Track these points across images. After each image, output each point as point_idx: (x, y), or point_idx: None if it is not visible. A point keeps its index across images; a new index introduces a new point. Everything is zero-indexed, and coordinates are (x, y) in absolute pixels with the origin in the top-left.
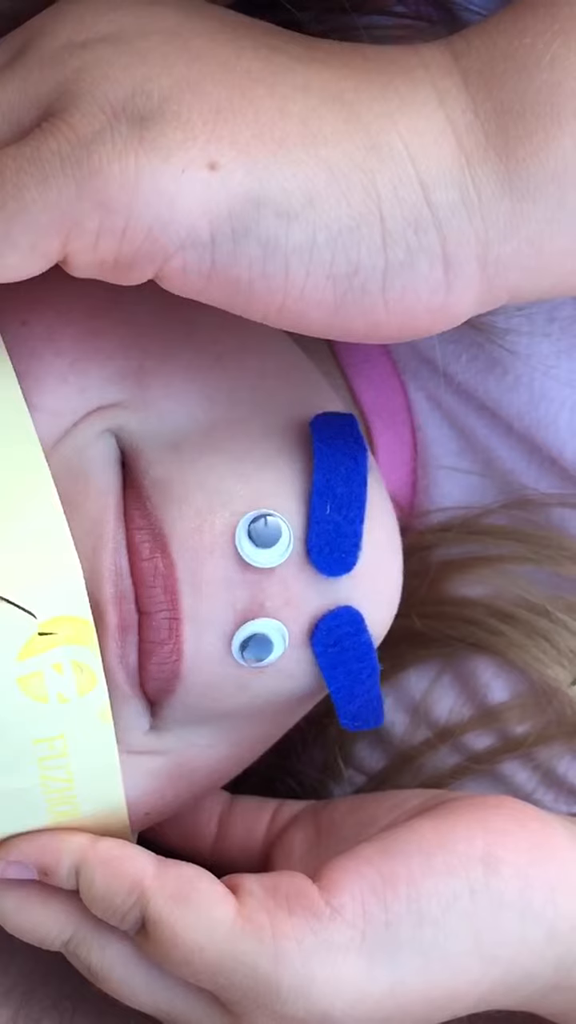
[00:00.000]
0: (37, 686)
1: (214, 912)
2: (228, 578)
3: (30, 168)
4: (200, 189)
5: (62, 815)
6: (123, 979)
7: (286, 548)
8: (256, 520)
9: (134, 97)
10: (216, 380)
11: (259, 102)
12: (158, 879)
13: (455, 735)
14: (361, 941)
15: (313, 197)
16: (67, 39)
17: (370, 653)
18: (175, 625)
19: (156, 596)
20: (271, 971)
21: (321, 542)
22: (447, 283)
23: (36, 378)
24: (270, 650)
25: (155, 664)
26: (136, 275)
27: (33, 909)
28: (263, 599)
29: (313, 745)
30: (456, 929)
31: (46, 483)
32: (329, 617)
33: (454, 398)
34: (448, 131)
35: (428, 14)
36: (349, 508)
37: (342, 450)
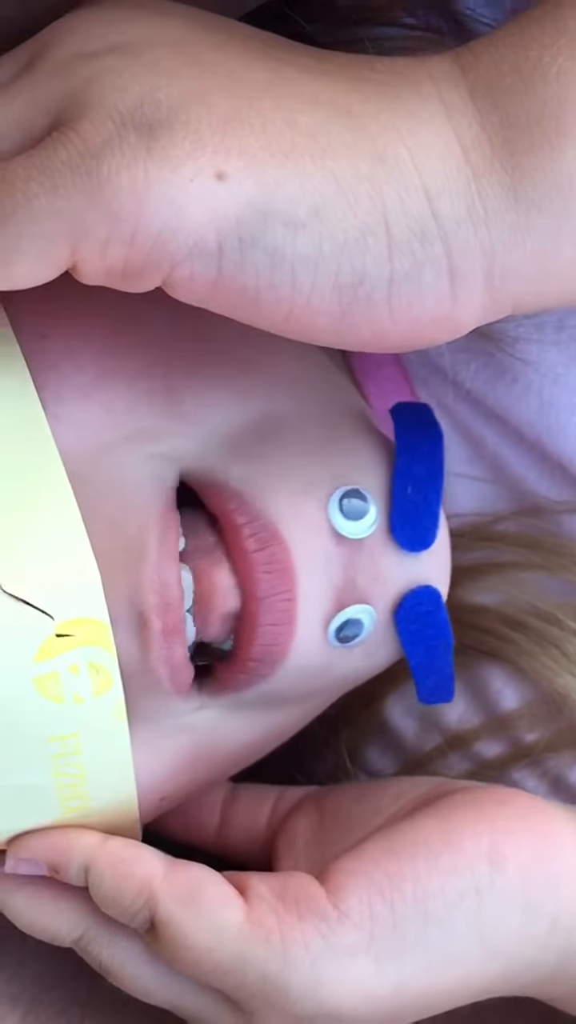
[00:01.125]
0: (53, 687)
1: (223, 915)
2: (327, 553)
3: (40, 177)
4: (208, 198)
5: (73, 810)
6: (134, 976)
7: (373, 522)
8: (346, 495)
9: (143, 107)
10: (247, 384)
11: (267, 113)
12: (167, 881)
13: (465, 742)
14: (368, 943)
15: (320, 208)
16: (77, 49)
17: (446, 628)
18: (291, 606)
19: (273, 580)
20: (280, 974)
21: (404, 519)
22: (452, 294)
23: (56, 390)
24: (361, 630)
25: (264, 645)
26: (144, 283)
27: (44, 906)
28: (354, 574)
29: (324, 749)
30: (461, 927)
31: (63, 487)
32: (412, 595)
33: (464, 406)
34: (454, 143)
35: (437, 25)
36: (429, 489)
37: (422, 435)
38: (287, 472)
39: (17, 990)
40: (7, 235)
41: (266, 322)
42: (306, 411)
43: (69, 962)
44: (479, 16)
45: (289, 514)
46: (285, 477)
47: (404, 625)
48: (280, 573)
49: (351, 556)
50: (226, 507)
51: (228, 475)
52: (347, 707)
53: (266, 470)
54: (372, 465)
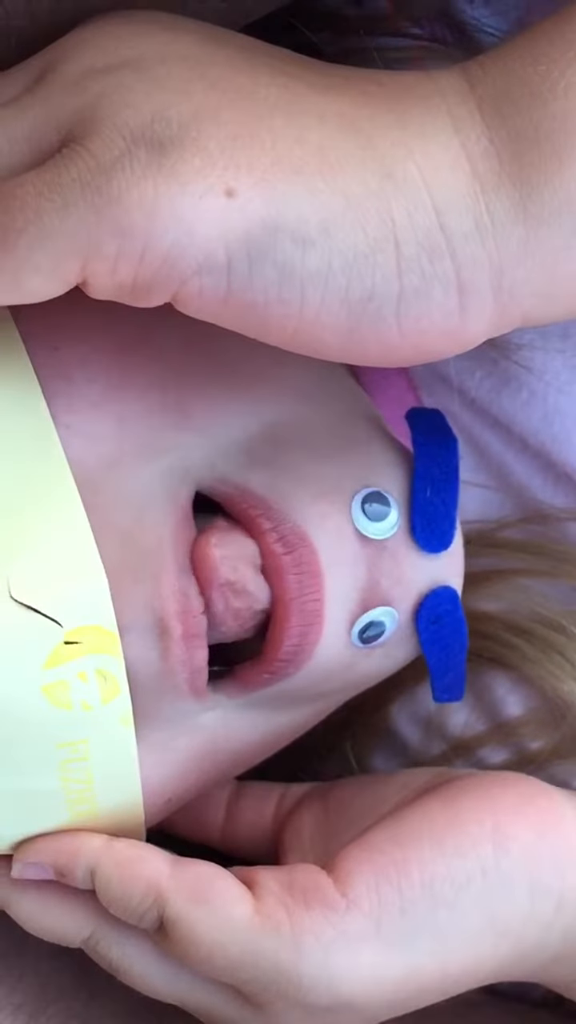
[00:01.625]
0: (62, 694)
1: (232, 910)
2: (353, 554)
3: (50, 194)
4: (217, 215)
5: (80, 814)
6: (144, 974)
7: (395, 523)
8: (368, 497)
9: (153, 124)
10: (256, 394)
11: (277, 130)
12: (174, 879)
13: (469, 749)
14: (377, 930)
15: (329, 224)
16: (88, 65)
17: (463, 628)
18: (319, 607)
19: (302, 581)
20: (292, 965)
21: (425, 521)
22: (461, 309)
23: (67, 401)
24: (383, 630)
25: (293, 646)
26: (154, 298)
27: (52, 909)
28: (379, 576)
29: (329, 754)
30: (469, 909)
31: (72, 495)
32: (432, 596)
33: (469, 413)
34: (463, 158)
35: (443, 36)
36: (446, 492)
37: (437, 440)
38: (307, 476)
39: (19, 1001)
40: (18, 251)
41: (274, 337)
42: (320, 417)
43: (70, 974)
44: (485, 27)
45: (314, 517)
46: (305, 481)
47: (424, 625)
48: (309, 575)
49: (375, 557)
50: (251, 513)
51: (248, 482)
52: (353, 713)
53: (285, 475)
54: (390, 468)
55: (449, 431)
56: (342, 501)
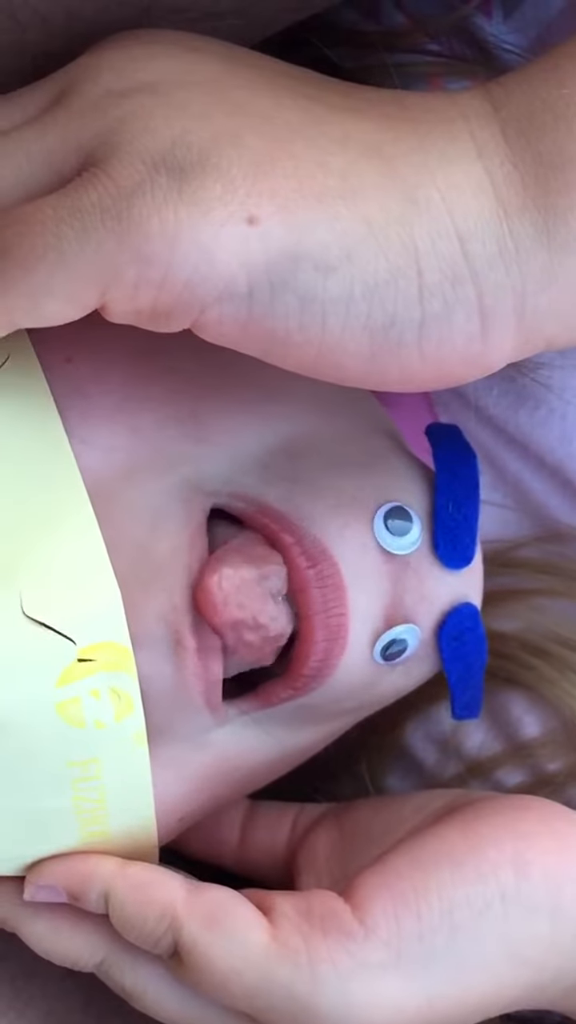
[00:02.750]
0: (75, 712)
1: (248, 937)
2: (376, 569)
3: (70, 219)
4: (239, 243)
5: (93, 835)
6: (157, 1000)
7: (417, 539)
8: (391, 512)
9: (174, 149)
10: (272, 408)
11: (298, 155)
12: (189, 904)
13: (486, 770)
14: (397, 958)
15: (351, 251)
16: (107, 87)
17: (484, 646)
18: (343, 621)
19: (326, 595)
20: (309, 994)
21: (447, 537)
22: (483, 334)
23: (82, 413)
24: (405, 647)
25: (318, 661)
26: (173, 324)
27: (64, 932)
28: (402, 591)
29: (343, 775)
30: (489, 936)
31: (86, 511)
32: (455, 613)
33: (486, 431)
34: (486, 183)
35: (462, 53)
36: (468, 507)
37: (457, 455)
38: (326, 490)
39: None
40: (37, 276)
41: (295, 363)
42: (339, 431)
43: (79, 998)
44: (503, 44)
45: (335, 531)
46: (325, 495)
47: (447, 642)
48: (333, 588)
49: (399, 573)
50: (272, 528)
51: (267, 496)
52: (367, 733)
53: (304, 489)
54: (412, 483)
55: (468, 447)
56: (364, 515)
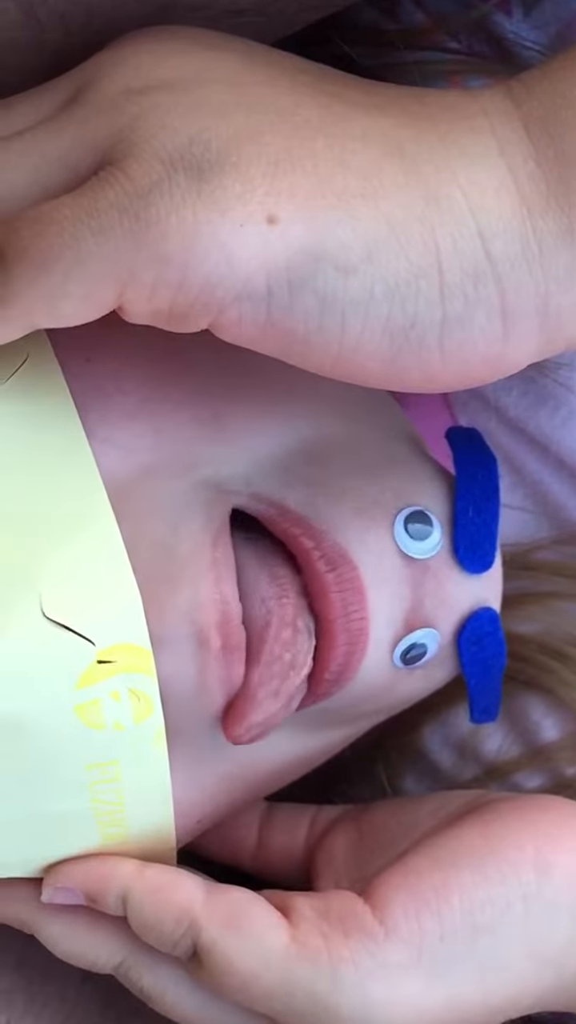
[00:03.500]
0: (94, 714)
1: (268, 938)
2: (397, 574)
3: (87, 219)
4: (258, 243)
5: (111, 837)
6: (176, 1002)
7: (437, 543)
8: (411, 516)
9: (192, 147)
10: (292, 409)
11: (318, 153)
12: (208, 906)
13: (504, 774)
14: (418, 958)
15: (372, 251)
16: (124, 85)
17: (503, 649)
18: (364, 625)
19: (346, 599)
20: (329, 995)
21: (467, 541)
22: (505, 335)
23: (101, 412)
24: (425, 652)
25: (339, 665)
26: (192, 324)
27: (82, 934)
28: (422, 595)
29: (360, 778)
30: (511, 937)
31: (105, 512)
32: (475, 617)
33: (505, 432)
34: (509, 181)
35: (481, 50)
36: (488, 511)
37: (477, 459)
38: (346, 494)
39: None
40: (54, 276)
41: (314, 365)
42: (359, 434)
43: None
44: (523, 40)
45: (355, 535)
46: (345, 499)
47: (466, 647)
48: (352, 592)
49: (420, 577)
50: (292, 532)
51: (287, 500)
52: (384, 735)
53: (324, 493)
54: (431, 487)
55: (488, 450)
56: (384, 519)
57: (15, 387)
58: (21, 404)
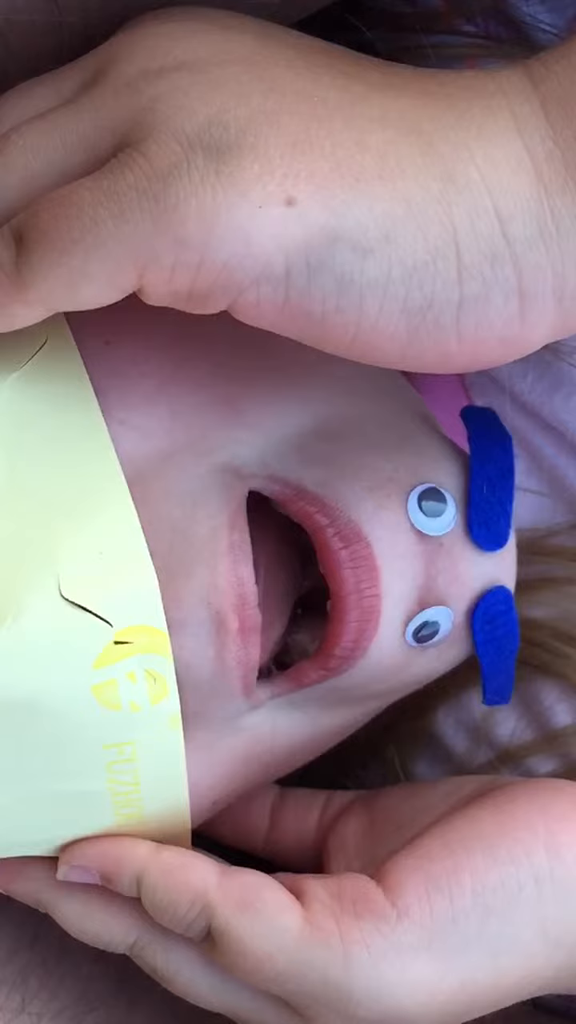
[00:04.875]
0: (111, 694)
1: (281, 920)
2: (410, 550)
3: (107, 201)
4: (277, 225)
5: (126, 817)
6: (190, 983)
7: (451, 520)
8: (425, 493)
9: (210, 128)
10: (308, 389)
11: (336, 134)
12: (222, 888)
13: (517, 758)
14: (430, 940)
15: (389, 232)
16: (142, 67)
17: (516, 629)
18: (376, 602)
19: (359, 575)
20: (342, 977)
21: (482, 518)
22: (521, 315)
23: (120, 394)
24: (438, 630)
25: (351, 641)
26: (210, 306)
27: (97, 913)
28: (435, 573)
29: (372, 761)
30: (523, 919)
31: (121, 493)
32: (489, 596)
33: (521, 416)
34: (526, 160)
35: (498, 33)
36: (502, 489)
37: (493, 437)
38: (361, 471)
39: (59, 1007)
40: (74, 259)
41: (331, 346)
42: (373, 414)
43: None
44: (540, 23)
45: (369, 512)
46: (359, 476)
47: (480, 625)
48: (365, 569)
49: (433, 555)
50: (307, 510)
51: (303, 479)
52: (397, 718)
53: (340, 472)
54: (446, 465)
55: (503, 429)
56: (398, 496)
57: (34, 371)
58: (40, 387)
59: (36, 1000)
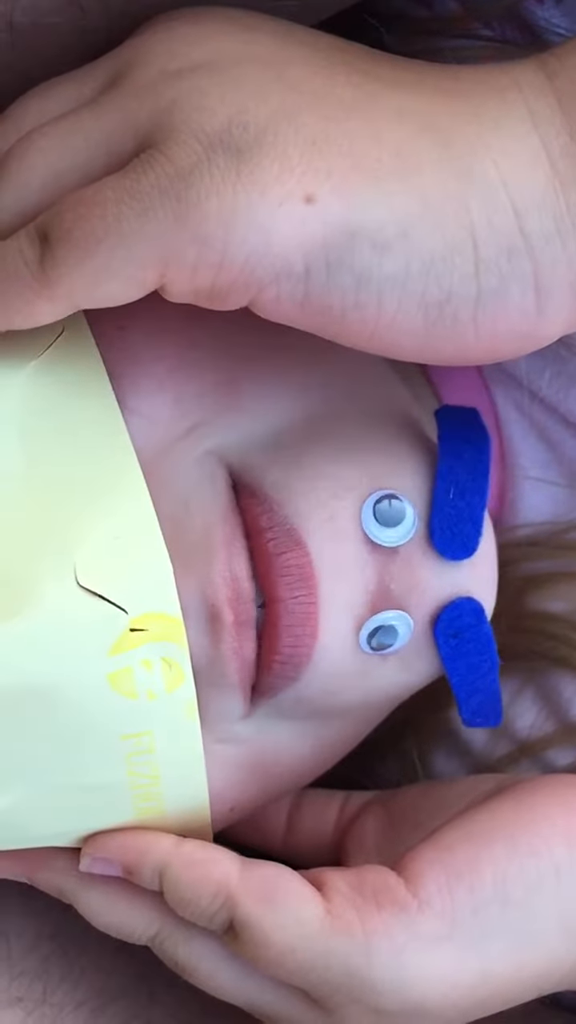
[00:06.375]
0: (127, 682)
1: (303, 911)
2: (358, 559)
3: (130, 201)
4: (296, 222)
5: (146, 811)
6: (211, 975)
7: (411, 528)
8: (381, 500)
9: (230, 128)
10: (306, 379)
11: (354, 131)
12: (244, 881)
13: (536, 751)
14: (451, 930)
15: (407, 228)
16: (162, 67)
17: (490, 645)
18: (311, 609)
19: (291, 583)
20: (364, 967)
21: (444, 525)
22: (538, 309)
23: (133, 381)
24: (395, 638)
25: (287, 647)
26: (231, 303)
27: (119, 905)
28: (389, 581)
29: (390, 754)
30: (543, 910)
31: (137, 482)
32: (451, 607)
33: (540, 410)
34: (542, 154)
35: (513, 37)
36: (472, 495)
37: (467, 439)
38: (321, 477)
39: (81, 998)
40: (97, 258)
41: (350, 340)
42: (357, 412)
43: (132, 972)
44: (555, 27)
45: (317, 520)
46: (318, 482)
47: (443, 638)
48: (300, 578)
49: (386, 563)
50: (254, 511)
51: (264, 479)
52: (415, 712)
53: (300, 474)
54: (414, 470)
55: (483, 430)
56: (352, 503)
57: (51, 360)
58: (57, 377)
59: (58, 990)
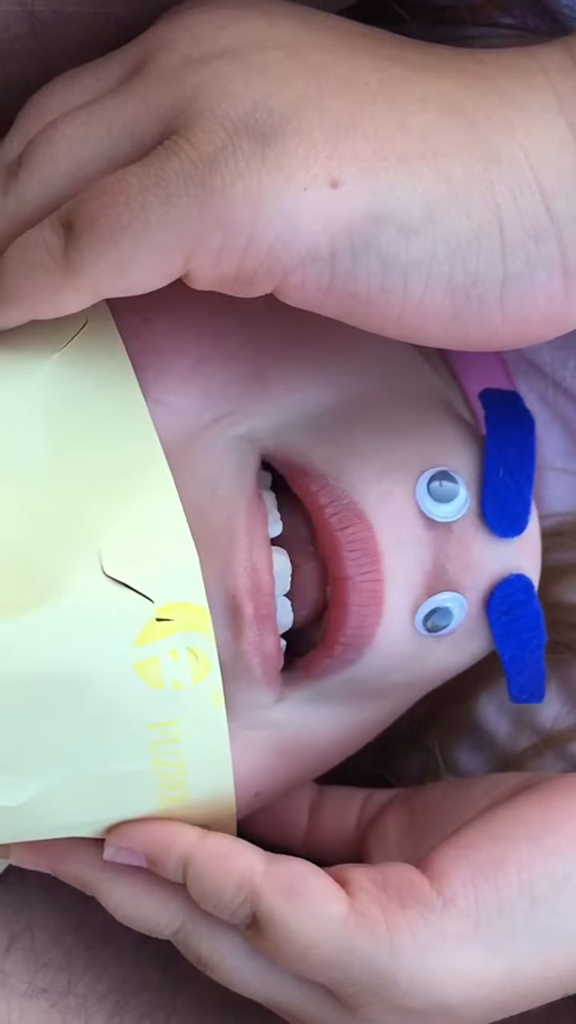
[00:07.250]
0: (153, 672)
1: (327, 908)
2: (417, 537)
3: (154, 188)
4: (322, 207)
5: (171, 800)
6: (233, 970)
7: (463, 504)
8: (435, 477)
9: (255, 114)
10: (336, 366)
11: (379, 116)
12: (268, 875)
13: (560, 743)
14: (476, 929)
15: (433, 212)
16: (185, 54)
17: (539, 622)
18: (378, 587)
19: (358, 559)
20: (388, 965)
21: (496, 503)
22: (565, 292)
23: (157, 373)
24: (450, 619)
25: (352, 629)
26: (256, 289)
27: (142, 898)
28: (444, 560)
29: (413, 748)
30: (569, 909)
31: (162, 471)
32: (504, 584)
33: (563, 400)
34: (569, 137)
35: (535, 25)
36: (520, 473)
37: (512, 419)
38: (372, 454)
39: (104, 990)
40: (123, 246)
41: (376, 325)
42: (393, 395)
43: (154, 965)
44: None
45: (375, 495)
46: (370, 459)
47: (496, 616)
48: (365, 552)
49: (441, 541)
50: (309, 488)
51: (312, 457)
52: (438, 705)
53: (351, 452)
54: (462, 449)
55: (526, 412)
56: (407, 480)
57: (75, 351)
58: (81, 368)
59: (81, 983)
